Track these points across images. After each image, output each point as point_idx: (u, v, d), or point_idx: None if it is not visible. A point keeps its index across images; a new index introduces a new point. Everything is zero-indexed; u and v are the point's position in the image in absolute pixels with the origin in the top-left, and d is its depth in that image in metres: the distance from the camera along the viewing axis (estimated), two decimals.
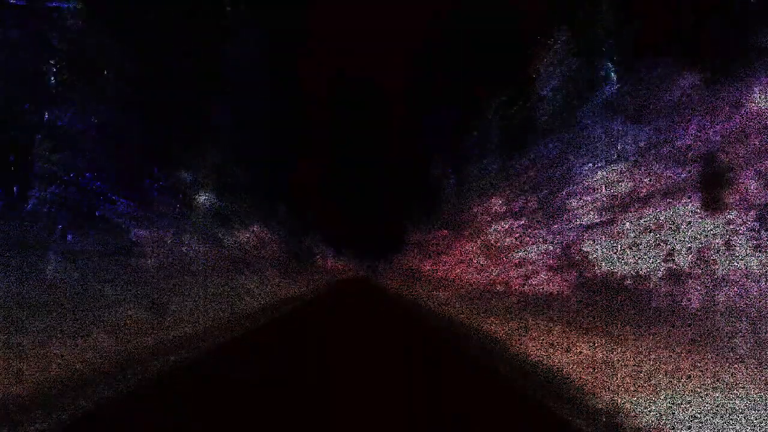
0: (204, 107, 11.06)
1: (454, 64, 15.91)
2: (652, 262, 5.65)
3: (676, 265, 5.24)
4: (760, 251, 4.21)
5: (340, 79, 36.71)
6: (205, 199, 10.95)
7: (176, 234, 8.99)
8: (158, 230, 8.45)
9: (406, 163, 28.30)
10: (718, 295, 4.38)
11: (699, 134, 5.46)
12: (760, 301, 3.92)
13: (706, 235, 4.94)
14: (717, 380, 3.32)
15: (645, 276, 5.67)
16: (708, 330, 4.11)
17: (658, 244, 5.66)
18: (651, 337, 4.39)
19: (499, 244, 10.78)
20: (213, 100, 11.69)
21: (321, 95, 31.95)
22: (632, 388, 3.29)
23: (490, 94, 12.80)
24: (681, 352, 3.83)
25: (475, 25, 14.04)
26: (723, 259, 4.59)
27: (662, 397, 3.08)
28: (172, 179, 9.33)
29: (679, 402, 2.98)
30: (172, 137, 9.21)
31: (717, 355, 3.76)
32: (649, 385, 3.34)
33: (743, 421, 2.64)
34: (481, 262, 11.59)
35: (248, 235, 14.62)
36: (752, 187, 4.45)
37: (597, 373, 3.74)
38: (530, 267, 8.67)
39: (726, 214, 4.74)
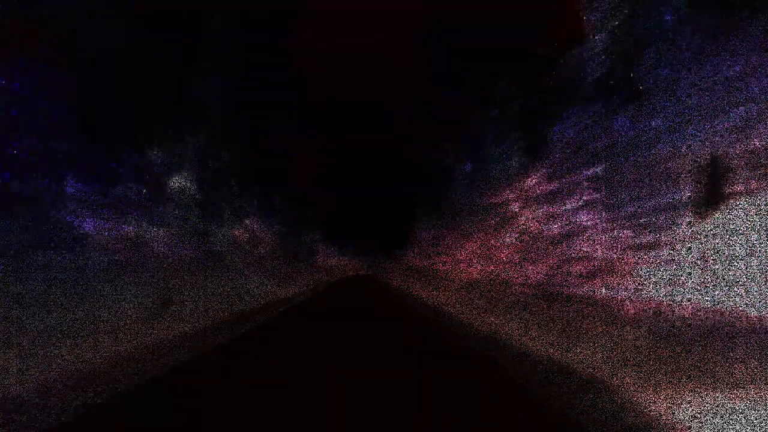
0: (186, 81, 9.85)
1: (471, 27, 13.64)
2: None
3: None
4: None
5: (341, 60, 34.17)
6: (186, 188, 9.66)
7: (147, 226, 7.88)
8: (123, 222, 7.34)
9: (412, 151, 26.12)
10: None
11: None
12: None
13: None
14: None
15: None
16: None
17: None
18: None
19: (527, 236, 9.25)
20: (199, 75, 10.53)
21: (321, 77, 29.77)
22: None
23: (513, 64, 10.78)
24: None
25: None
26: None
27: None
28: (142, 162, 8.00)
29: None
30: (145, 113, 7.96)
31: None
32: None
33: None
34: (503, 259, 10.27)
35: (242, 231, 13.95)
36: None
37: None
38: (571, 266, 7.22)
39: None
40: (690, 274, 4.79)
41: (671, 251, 5.10)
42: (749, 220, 4.35)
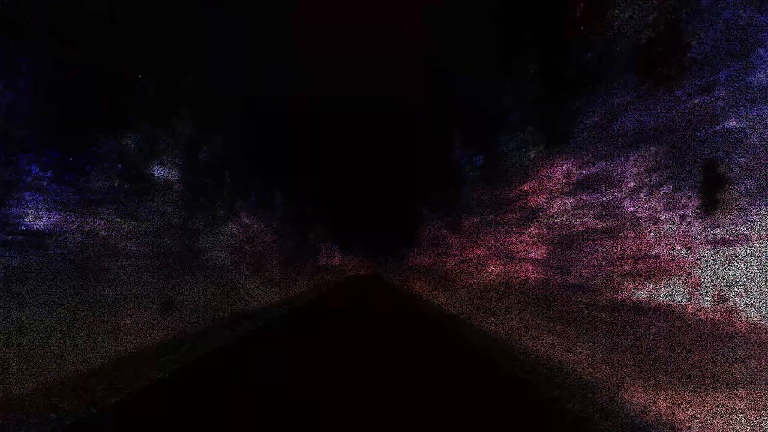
0: (176, 60, 8.84)
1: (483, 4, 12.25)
2: None
3: None
4: None
5: (343, 43, 32.25)
6: (171, 179, 8.61)
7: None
8: (95, 216, 6.25)
9: (420, 142, 24.02)
10: None
11: None
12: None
13: None
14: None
15: None
16: None
17: None
18: None
19: (558, 232, 8.08)
20: (192, 54, 9.59)
21: (321, 60, 28.13)
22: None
23: (534, 38, 9.49)
24: None
25: None
26: None
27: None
28: (110, 144, 6.70)
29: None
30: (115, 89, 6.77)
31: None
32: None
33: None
34: (528, 258, 9.19)
35: (238, 228, 13.52)
36: None
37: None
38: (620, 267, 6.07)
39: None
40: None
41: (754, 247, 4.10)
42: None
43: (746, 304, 4.02)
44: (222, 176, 12.30)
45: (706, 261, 4.66)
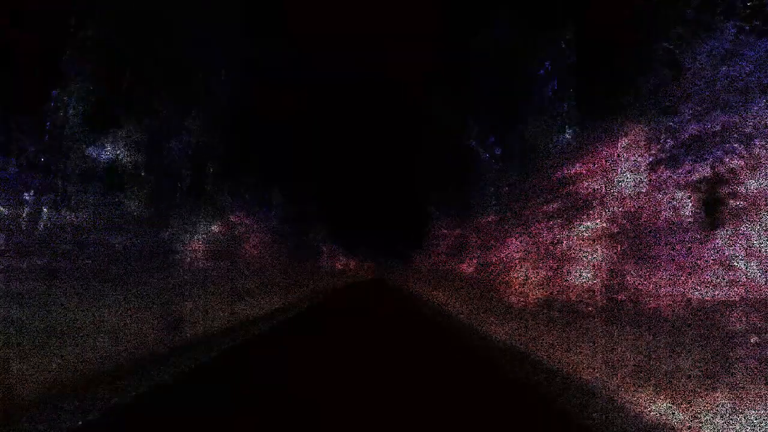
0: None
1: None
2: None
3: None
4: None
5: (341, 21, 29.77)
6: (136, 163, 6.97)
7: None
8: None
9: (427, 136, 23.38)
10: None
11: None
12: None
13: None
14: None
15: None
16: None
17: None
18: None
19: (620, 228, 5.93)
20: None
21: (319, 45, 26.27)
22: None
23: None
24: None
25: None
26: None
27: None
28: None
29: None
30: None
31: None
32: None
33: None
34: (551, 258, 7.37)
35: (230, 228, 12.79)
36: None
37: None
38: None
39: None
40: None
41: None
42: None
43: None
44: (221, 175, 11.98)
45: None
